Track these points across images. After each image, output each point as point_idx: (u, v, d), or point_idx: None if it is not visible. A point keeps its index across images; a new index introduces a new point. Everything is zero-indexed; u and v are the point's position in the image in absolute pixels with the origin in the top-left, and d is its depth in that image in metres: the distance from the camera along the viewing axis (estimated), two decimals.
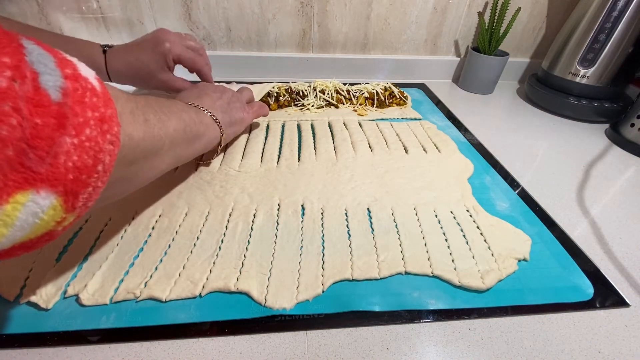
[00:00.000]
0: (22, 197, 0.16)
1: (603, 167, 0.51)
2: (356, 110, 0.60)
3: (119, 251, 0.32)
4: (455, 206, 0.39)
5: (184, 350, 0.26)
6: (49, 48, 0.18)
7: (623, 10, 0.56)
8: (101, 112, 0.19)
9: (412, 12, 0.69)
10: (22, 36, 0.17)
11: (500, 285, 0.31)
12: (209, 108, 0.37)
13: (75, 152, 0.17)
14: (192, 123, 0.33)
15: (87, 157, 0.18)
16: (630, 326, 0.29)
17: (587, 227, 0.39)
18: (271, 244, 0.33)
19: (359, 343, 0.27)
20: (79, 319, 0.27)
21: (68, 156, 0.17)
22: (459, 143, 0.52)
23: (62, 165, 0.17)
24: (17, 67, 0.15)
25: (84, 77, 0.19)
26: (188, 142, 0.33)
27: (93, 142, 0.18)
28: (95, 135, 0.18)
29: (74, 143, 0.17)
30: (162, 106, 0.29)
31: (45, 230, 0.18)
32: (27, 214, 0.16)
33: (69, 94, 0.17)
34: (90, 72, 0.20)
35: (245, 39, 0.69)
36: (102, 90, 0.20)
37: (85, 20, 0.63)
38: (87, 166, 0.18)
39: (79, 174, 0.18)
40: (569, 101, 0.63)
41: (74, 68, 0.19)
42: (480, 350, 0.27)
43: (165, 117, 0.28)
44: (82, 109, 0.18)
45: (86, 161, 0.18)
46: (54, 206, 0.17)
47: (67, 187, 0.17)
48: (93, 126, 0.18)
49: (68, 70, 0.18)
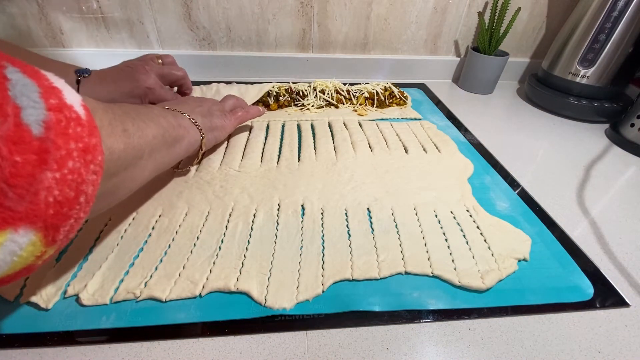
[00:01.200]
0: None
1: (603, 167, 0.51)
2: (356, 110, 0.60)
3: (119, 251, 0.32)
4: (455, 206, 0.39)
5: (184, 350, 0.26)
6: (35, 73, 0.18)
7: (623, 10, 0.56)
8: (85, 142, 0.18)
9: (412, 12, 0.69)
10: (6, 62, 0.16)
11: (500, 285, 0.31)
12: (188, 112, 0.36)
13: (56, 186, 0.17)
14: (170, 127, 0.32)
15: (69, 190, 0.17)
16: (630, 326, 0.29)
17: (587, 227, 0.39)
18: (271, 244, 0.33)
19: (359, 343, 0.27)
20: (79, 319, 0.27)
21: (49, 191, 0.16)
22: (459, 143, 0.52)
23: (42, 201, 0.16)
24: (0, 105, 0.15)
25: (68, 106, 0.18)
26: (168, 147, 0.32)
27: (76, 174, 0.18)
28: (78, 167, 0.18)
29: (55, 177, 0.17)
30: (139, 113, 0.28)
31: (23, 266, 0.18)
32: (4, 253, 0.16)
33: (52, 127, 0.17)
34: (76, 98, 0.19)
35: (245, 39, 0.69)
36: (87, 118, 0.19)
37: (85, 20, 0.63)
38: (69, 199, 0.18)
39: (60, 207, 0.17)
40: (569, 101, 0.63)
41: (59, 96, 0.18)
42: (480, 350, 0.27)
43: (143, 124, 0.27)
44: (65, 141, 0.17)
45: (68, 194, 0.17)
46: (33, 242, 0.17)
47: (47, 223, 0.17)
48: (76, 158, 0.18)
49: (53, 101, 0.17)
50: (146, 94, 0.44)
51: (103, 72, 0.44)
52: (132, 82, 0.43)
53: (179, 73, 0.48)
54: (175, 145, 0.33)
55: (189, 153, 0.37)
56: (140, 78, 0.43)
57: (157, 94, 0.44)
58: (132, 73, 0.43)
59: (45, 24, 0.62)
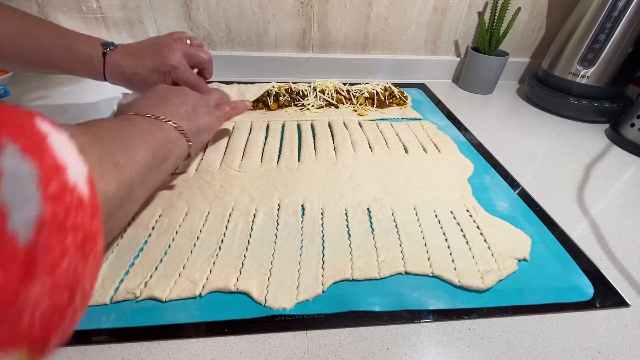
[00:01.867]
0: None
1: (603, 167, 0.51)
2: (356, 110, 0.60)
3: (119, 251, 0.32)
4: (455, 206, 0.39)
5: (184, 350, 0.26)
6: (40, 147, 0.15)
7: (623, 10, 0.56)
8: (85, 230, 0.16)
9: (412, 12, 0.69)
10: (7, 139, 0.14)
11: (500, 285, 0.31)
12: (171, 117, 0.34)
13: (46, 296, 0.14)
14: (158, 145, 0.30)
15: (62, 294, 0.15)
16: (630, 326, 0.29)
17: (587, 227, 0.39)
18: (271, 244, 0.33)
19: (359, 343, 0.27)
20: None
21: (36, 306, 0.14)
22: (459, 143, 0.52)
23: (27, 320, 0.13)
24: None
25: (71, 188, 0.16)
26: (158, 168, 0.30)
27: (71, 273, 0.15)
28: (74, 265, 0.15)
29: (44, 288, 0.14)
30: (126, 135, 0.27)
31: None
32: None
33: (46, 224, 0.14)
34: (81, 173, 0.17)
35: (245, 39, 0.69)
36: (91, 196, 0.17)
37: (85, 20, 0.63)
38: (62, 305, 0.15)
39: (50, 318, 0.14)
40: (569, 101, 0.63)
41: (62, 179, 0.15)
42: (480, 350, 0.27)
43: (133, 150, 0.26)
44: (60, 239, 0.14)
45: (60, 300, 0.15)
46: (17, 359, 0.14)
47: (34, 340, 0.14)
48: (73, 254, 0.15)
49: (53, 186, 0.15)
50: (170, 72, 0.43)
51: (130, 47, 0.44)
52: (158, 58, 0.43)
53: (205, 56, 0.47)
54: (164, 164, 0.32)
55: (177, 166, 0.36)
56: (166, 55, 0.43)
57: (180, 74, 0.44)
58: (159, 49, 0.43)
59: None
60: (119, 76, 0.43)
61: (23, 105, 0.56)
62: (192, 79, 0.45)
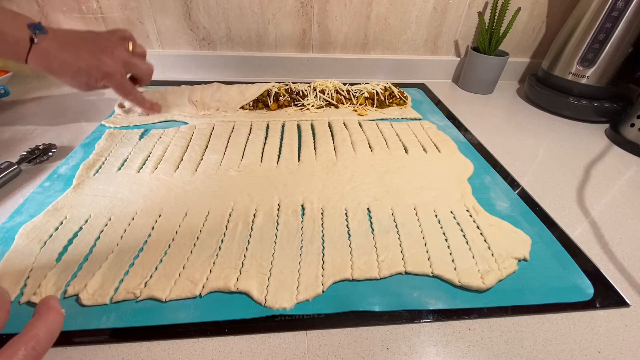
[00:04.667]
0: None
1: (603, 167, 0.51)
2: (356, 110, 0.60)
3: (119, 251, 0.32)
4: (455, 206, 0.39)
5: (184, 350, 0.26)
6: None
7: (623, 10, 0.56)
8: None
9: (412, 12, 0.69)
10: None
11: (500, 285, 0.31)
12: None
13: None
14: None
15: None
16: (630, 326, 0.29)
17: (587, 227, 0.39)
18: (271, 244, 0.33)
19: (359, 343, 0.27)
20: (79, 319, 0.26)
21: None
22: (459, 143, 0.52)
23: None
24: None
25: None
26: None
27: None
28: None
29: None
30: None
31: None
32: None
33: None
34: None
35: (245, 39, 0.69)
36: None
37: (85, 20, 0.63)
38: None
39: None
40: (569, 101, 0.63)
41: None
42: (480, 350, 0.27)
43: None
44: None
45: None
46: None
47: None
48: None
49: None
50: (103, 78, 0.40)
51: (64, 35, 0.39)
52: (93, 60, 0.39)
53: (145, 67, 0.44)
54: None
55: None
56: (103, 60, 0.39)
57: (114, 82, 0.40)
58: (97, 51, 0.39)
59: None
60: (43, 65, 0.38)
61: (23, 105, 0.56)
62: (126, 89, 0.42)
